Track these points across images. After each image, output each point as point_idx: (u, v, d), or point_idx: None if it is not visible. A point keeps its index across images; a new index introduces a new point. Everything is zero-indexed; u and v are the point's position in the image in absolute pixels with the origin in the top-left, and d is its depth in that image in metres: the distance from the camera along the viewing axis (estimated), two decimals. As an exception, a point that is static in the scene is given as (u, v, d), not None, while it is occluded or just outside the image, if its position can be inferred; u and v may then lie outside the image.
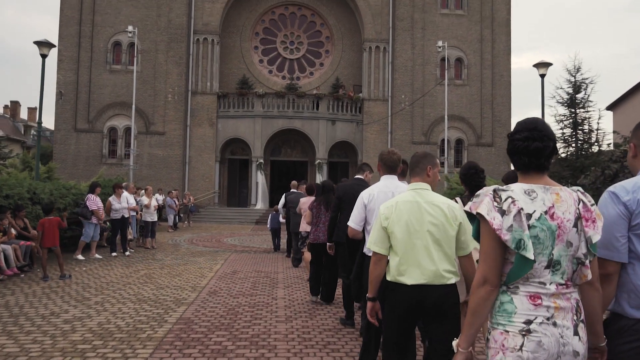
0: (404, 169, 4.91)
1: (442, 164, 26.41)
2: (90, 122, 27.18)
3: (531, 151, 1.94)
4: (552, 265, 1.88)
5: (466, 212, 2.03)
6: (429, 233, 2.86)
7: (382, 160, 4.32)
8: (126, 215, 12.28)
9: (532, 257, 1.84)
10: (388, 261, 3.00)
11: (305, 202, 9.46)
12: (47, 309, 6.53)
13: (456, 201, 3.84)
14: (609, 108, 32.08)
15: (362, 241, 4.46)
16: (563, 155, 23.27)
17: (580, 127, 22.84)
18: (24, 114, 56.52)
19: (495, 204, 1.91)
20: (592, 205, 1.96)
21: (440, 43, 24.33)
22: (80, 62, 27.08)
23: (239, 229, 22.45)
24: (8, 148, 36.68)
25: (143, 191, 14.65)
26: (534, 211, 1.88)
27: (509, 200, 1.89)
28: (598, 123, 22.17)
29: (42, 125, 16.06)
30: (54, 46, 14.65)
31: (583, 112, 22.87)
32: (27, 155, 21.06)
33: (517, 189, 1.94)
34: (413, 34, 28.82)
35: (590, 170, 13.00)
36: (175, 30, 27.67)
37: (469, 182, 4.12)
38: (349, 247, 5.20)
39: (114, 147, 27.64)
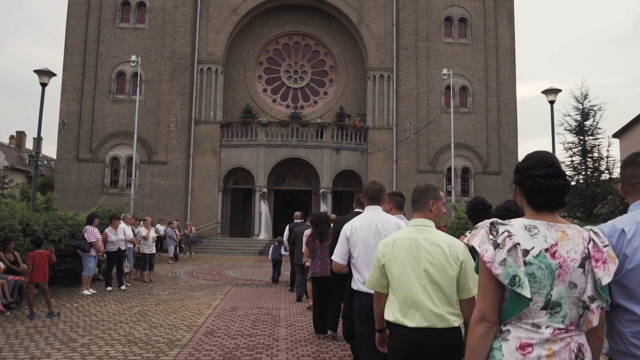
0: (399, 201, 4.76)
1: (449, 192, 25.93)
2: (92, 152, 26.97)
3: (553, 189, 1.85)
4: (551, 306, 1.78)
5: (467, 245, 2.00)
6: (426, 273, 2.73)
7: (364, 191, 4.19)
8: (122, 248, 11.80)
9: (528, 295, 1.74)
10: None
11: (307, 233, 9.14)
12: (28, 353, 6.00)
13: (465, 236, 3.70)
14: (615, 136, 31.72)
15: (349, 275, 4.17)
16: (573, 183, 22.82)
17: (589, 155, 22.45)
18: (29, 144, 56.92)
19: (491, 236, 1.85)
20: (604, 246, 1.84)
21: (445, 71, 24.18)
22: (84, 91, 27.04)
23: (242, 260, 21.87)
24: (10, 178, 36.55)
25: (142, 222, 14.16)
26: (533, 248, 1.79)
27: (505, 234, 1.82)
28: (608, 150, 21.81)
29: (46, 155, 15.78)
30: (54, 75, 14.44)
31: (592, 139, 22.53)
32: (25, 186, 20.73)
33: (517, 223, 1.86)
34: (417, 63, 28.73)
35: (608, 199, 12.58)
36: (179, 60, 27.69)
37: (476, 219, 3.91)
38: (335, 282, 4.77)
39: (116, 177, 27.34)
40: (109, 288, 11.59)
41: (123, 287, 11.82)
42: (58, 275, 12.21)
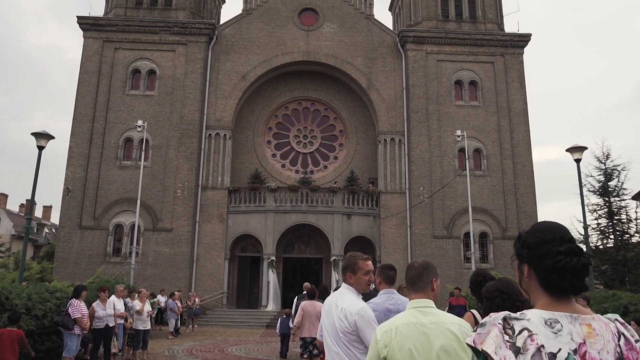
0: (389, 274, 4.26)
1: (468, 259, 24.53)
2: (95, 219, 26.18)
3: (579, 270, 1.54)
4: None
5: (470, 346, 1.54)
6: None
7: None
8: (111, 324, 10.60)
9: None
10: None
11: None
12: None
13: (473, 315, 3.64)
14: (634, 198, 30.49)
15: None
16: (600, 246, 21.46)
17: (616, 217, 21.23)
18: (39, 212, 56.90)
19: (507, 337, 1.48)
20: (636, 341, 1.52)
21: (459, 132, 23.54)
22: (91, 158, 26.68)
23: (248, 334, 20.31)
24: (13, 246, 35.83)
25: (136, 294, 13.00)
26: (559, 350, 1.45)
27: (525, 333, 1.47)
28: (637, 212, 20.62)
29: (54, 223, 14.96)
30: (52, 137, 13.88)
31: (617, 200, 21.40)
32: (18, 255, 19.80)
33: (534, 317, 1.51)
34: (429, 126, 28.24)
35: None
36: (188, 125, 27.46)
37: (478, 292, 3.58)
38: None
39: (119, 245, 26.36)
40: (94, 370, 10.29)
41: (110, 369, 10.51)
42: (40, 355, 10.96)
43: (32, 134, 13.42)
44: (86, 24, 28.19)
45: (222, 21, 32.27)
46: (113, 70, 27.90)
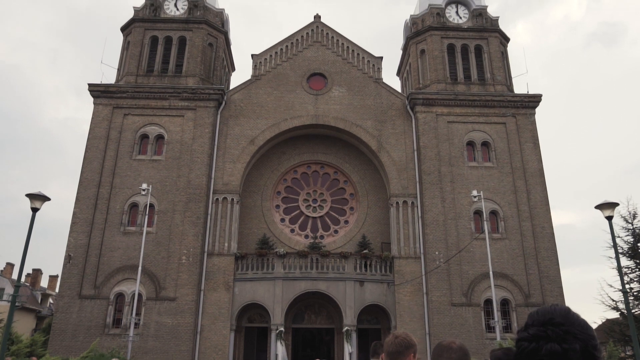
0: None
1: (492, 328, 22.86)
2: (96, 288, 25.04)
3: (542, 356, 1.47)
4: None
5: None
6: None
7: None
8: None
9: None
10: None
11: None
12: None
13: None
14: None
15: None
16: (636, 312, 19.87)
17: (650, 281, 19.78)
18: (44, 282, 55.94)
19: None
20: None
21: (475, 192, 22.66)
22: (95, 224, 25.96)
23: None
24: (16, 318, 34.46)
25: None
26: None
27: None
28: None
29: (57, 293, 13.99)
30: (48, 199, 13.20)
31: (649, 263, 20.03)
32: (17, 327, 18.64)
33: None
34: (442, 187, 27.40)
35: None
36: (194, 190, 26.88)
37: None
38: None
39: (120, 316, 25.02)
40: None
41: None
42: None
43: (27, 195, 12.75)
44: (97, 90, 28.46)
45: (231, 87, 32.54)
46: (121, 135, 27.80)
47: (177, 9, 31.61)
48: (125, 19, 31.40)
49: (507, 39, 32.39)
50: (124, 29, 31.64)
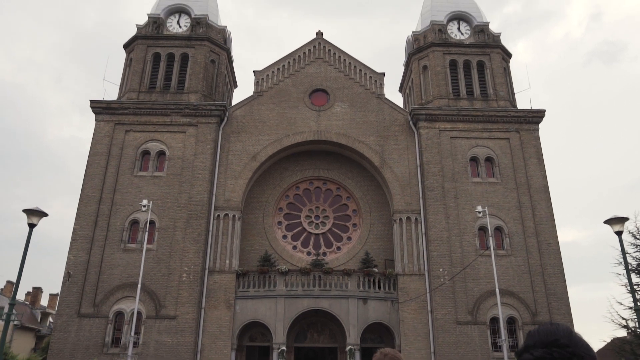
0: None
1: (499, 347, 22.33)
2: (95, 306, 24.64)
3: None
4: None
5: None
6: None
7: None
8: None
9: None
10: None
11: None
12: None
13: None
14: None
15: None
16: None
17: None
18: (45, 301, 55.49)
19: None
20: None
21: (480, 208, 22.34)
22: (95, 241, 25.67)
23: None
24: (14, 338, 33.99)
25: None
26: None
27: None
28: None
29: (54, 310, 13.67)
30: (46, 215, 12.94)
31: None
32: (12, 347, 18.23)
33: None
34: (446, 203, 27.08)
35: None
36: (196, 206, 26.62)
37: None
38: None
39: (119, 335, 24.57)
40: None
41: None
42: None
43: (24, 210, 12.51)
44: (99, 107, 28.42)
45: (233, 103, 32.51)
46: (123, 152, 27.66)
47: (180, 27, 31.74)
48: (129, 38, 31.52)
49: (509, 55, 32.36)
50: (126, 46, 31.74)
